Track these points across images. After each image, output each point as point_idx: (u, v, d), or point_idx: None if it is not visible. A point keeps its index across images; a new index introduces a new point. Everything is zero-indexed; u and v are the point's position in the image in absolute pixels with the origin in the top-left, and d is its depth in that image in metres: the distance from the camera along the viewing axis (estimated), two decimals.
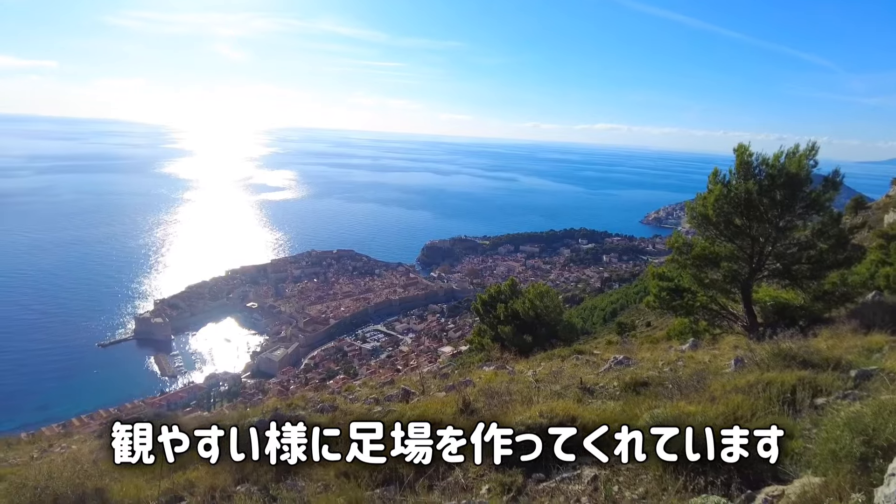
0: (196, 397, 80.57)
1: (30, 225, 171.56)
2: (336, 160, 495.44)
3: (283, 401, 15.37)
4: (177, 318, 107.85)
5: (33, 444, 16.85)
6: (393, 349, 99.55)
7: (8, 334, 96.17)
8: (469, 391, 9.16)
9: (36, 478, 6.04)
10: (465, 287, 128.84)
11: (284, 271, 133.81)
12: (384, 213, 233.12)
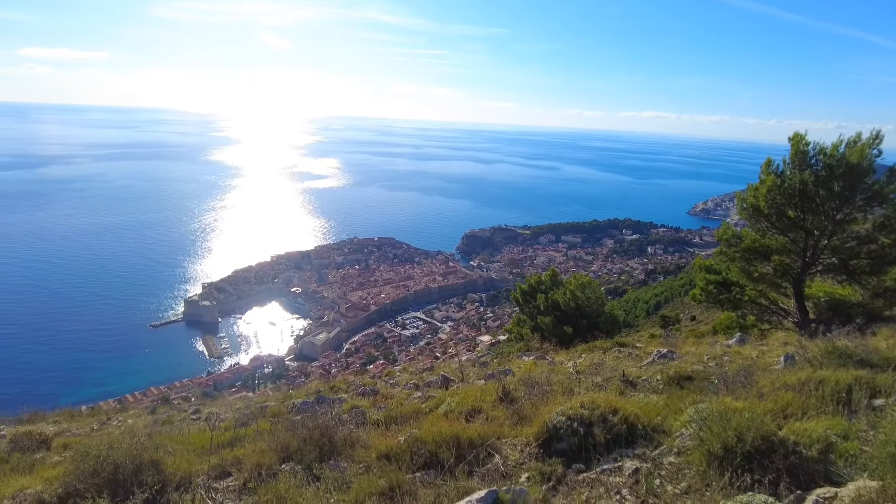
0: (241, 378, 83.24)
1: (86, 210, 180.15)
2: (379, 148, 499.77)
3: (326, 384, 15.75)
4: (224, 302, 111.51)
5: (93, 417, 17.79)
6: (431, 336, 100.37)
7: (68, 314, 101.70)
8: (509, 380, 9.17)
9: (98, 447, 6.39)
10: (505, 277, 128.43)
11: (327, 257, 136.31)
12: (425, 201, 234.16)
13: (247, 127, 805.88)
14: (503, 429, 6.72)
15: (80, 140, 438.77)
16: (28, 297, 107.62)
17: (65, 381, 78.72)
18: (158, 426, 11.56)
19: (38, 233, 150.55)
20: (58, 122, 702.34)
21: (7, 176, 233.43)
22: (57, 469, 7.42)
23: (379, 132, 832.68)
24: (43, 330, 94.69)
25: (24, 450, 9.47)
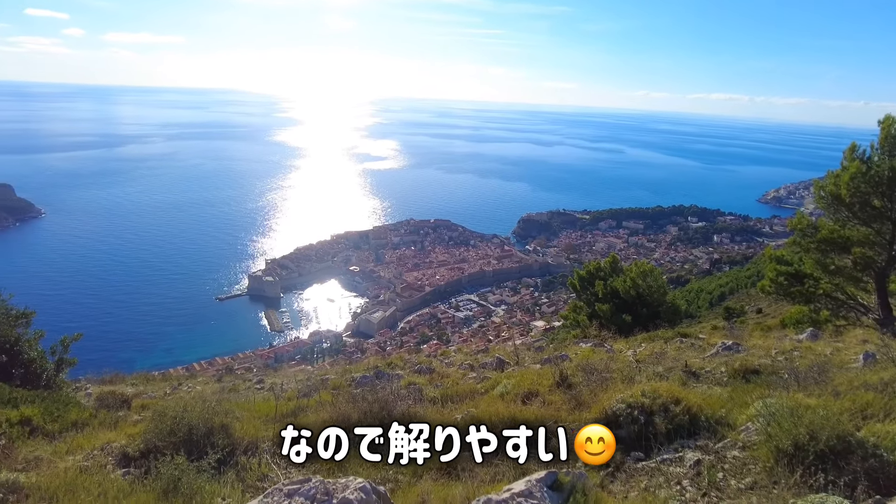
0: (301, 352, 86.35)
1: (159, 187, 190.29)
2: (437, 130, 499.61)
3: (383, 360, 16.13)
4: (286, 278, 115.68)
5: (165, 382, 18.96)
6: (485, 319, 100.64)
7: (142, 287, 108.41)
8: (566, 366, 9.10)
9: (174, 409, 6.84)
10: (562, 262, 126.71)
11: (384, 238, 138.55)
12: (482, 184, 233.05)
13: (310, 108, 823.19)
14: (560, 413, 6.70)
15: (155, 120, 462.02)
16: (106, 270, 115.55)
17: (139, 348, 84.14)
18: (225, 393, 12.21)
19: (115, 209, 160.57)
20: (135, 103, 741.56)
21: (90, 154, 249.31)
22: (138, 427, 7.98)
23: (437, 113, 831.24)
24: (120, 300, 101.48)
25: (109, 407, 10.23)
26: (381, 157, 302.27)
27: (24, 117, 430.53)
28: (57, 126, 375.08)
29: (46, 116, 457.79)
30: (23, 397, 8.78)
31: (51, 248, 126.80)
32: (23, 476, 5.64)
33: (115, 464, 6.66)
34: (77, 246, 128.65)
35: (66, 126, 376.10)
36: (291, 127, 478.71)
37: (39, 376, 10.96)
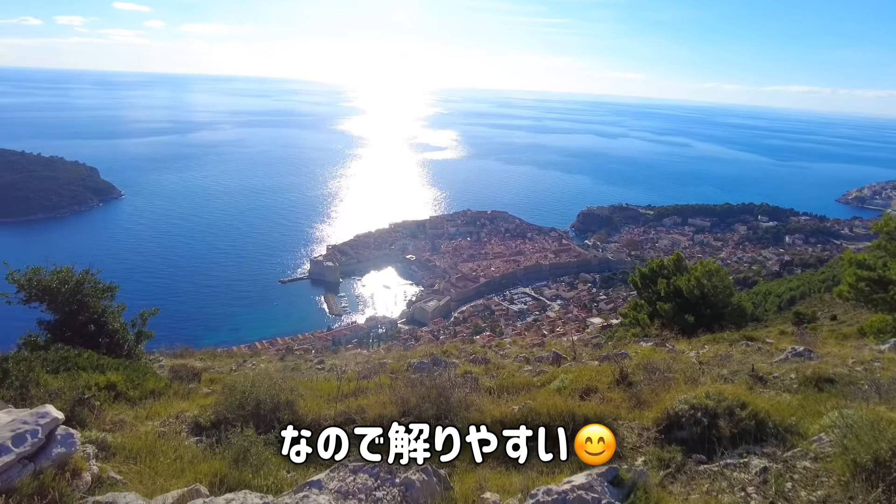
0: (357, 336, 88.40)
1: (228, 173, 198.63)
2: (497, 121, 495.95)
3: (438, 348, 16.32)
4: (345, 264, 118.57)
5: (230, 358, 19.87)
6: (540, 314, 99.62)
7: (209, 267, 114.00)
8: (626, 363, 8.94)
9: (243, 384, 7.22)
10: (622, 258, 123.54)
11: (441, 228, 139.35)
12: (541, 175, 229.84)
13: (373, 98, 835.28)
14: (620, 411, 6.62)
15: (225, 108, 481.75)
16: (178, 250, 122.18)
17: (206, 325, 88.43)
18: (288, 372, 12.69)
19: (187, 192, 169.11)
20: (207, 91, 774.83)
21: (165, 140, 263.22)
22: (209, 399, 8.46)
23: (497, 104, 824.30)
24: (190, 279, 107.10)
25: (181, 379, 10.88)
26: (440, 147, 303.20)
27: (109, 105, 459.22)
28: (137, 113, 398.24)
29: (128, 104, 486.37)
30: (108, 364, 9.46)
31: (129, 228, 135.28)
32: (110, 436, 6.09)
33: (188, 431, 7.09)
34: (152, 226, 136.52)
35: (145, 113, 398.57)
36: (355, 116, 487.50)
37: (121, 346, 11.77)
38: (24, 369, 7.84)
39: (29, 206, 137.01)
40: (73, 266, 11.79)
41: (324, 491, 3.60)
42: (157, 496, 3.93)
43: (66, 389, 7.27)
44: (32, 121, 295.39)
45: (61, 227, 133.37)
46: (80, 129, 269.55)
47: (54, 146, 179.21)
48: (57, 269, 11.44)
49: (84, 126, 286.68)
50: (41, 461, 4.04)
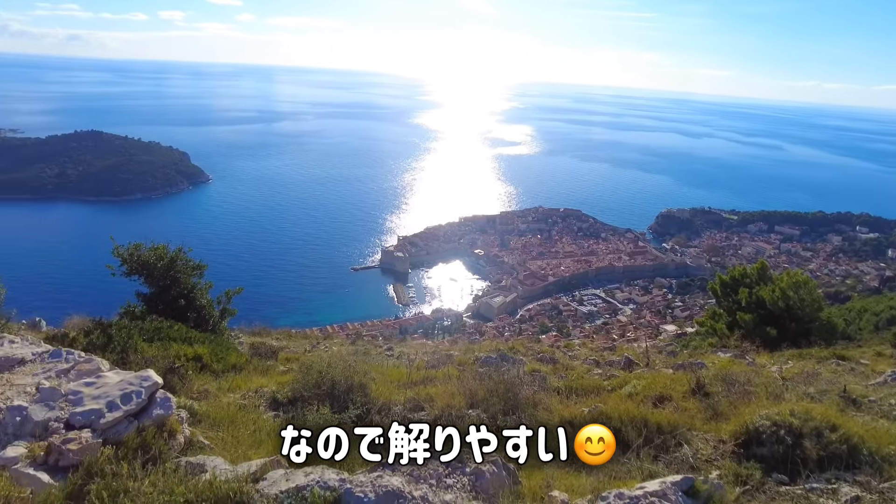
0: (423, 327, 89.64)
1: (307, 162, 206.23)
2: (574, 116, 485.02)
3: (504, 344, 16.30)
4: (414, 255, 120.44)
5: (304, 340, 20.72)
6: (610, 317, 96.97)
7: (286, 251, 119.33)
8: (703, 373, 8.58)
9: (319, 364, 7.52)
10: (701, 264, 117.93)
11: (511, 224, 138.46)
12: (619, 174, 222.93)
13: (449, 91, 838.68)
14: (694, 421, 6.38)
15: (307, 99, 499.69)
16: (258, 234, 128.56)
17: (282, 306, 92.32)
18: (359, 356, 13.10)
19: (269, 179, 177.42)
20: (290, 82, 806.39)
21: (251, 128, 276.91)
22: (286, 377, 8.89)
23: (575, 99, 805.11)
24: (268, 262, 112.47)
25: (260, 356, 11.47)
26: (514, 142, 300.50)
27: (201, 94, 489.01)
28: (225, 102, 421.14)
29: (217, 93, 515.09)
30: (195, 338, 10.13)
31: (214, 211, 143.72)
32: (196, 404, 6.53)
33: (266, 406, 7.49)
34: (235, 210, 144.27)
35: (233, 102, 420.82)
36: (431, 110, 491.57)
37: (207, 321, 12.57)
38: (125, 336, 8.55)
39: (128, 186, 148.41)
40: (167, 244, 12.70)
41: (396, 473, 3.72)
42: (241, 463, 4.19)
43: (159, 357, 7.87)
44: (134, 108, 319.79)
45: (155, 207, 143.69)
46: (174, 117, 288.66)
47: (152, 132, 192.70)
48: (154, 246, 12.37)
49: (178, 113, 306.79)
50: (143, 420, 4.42)
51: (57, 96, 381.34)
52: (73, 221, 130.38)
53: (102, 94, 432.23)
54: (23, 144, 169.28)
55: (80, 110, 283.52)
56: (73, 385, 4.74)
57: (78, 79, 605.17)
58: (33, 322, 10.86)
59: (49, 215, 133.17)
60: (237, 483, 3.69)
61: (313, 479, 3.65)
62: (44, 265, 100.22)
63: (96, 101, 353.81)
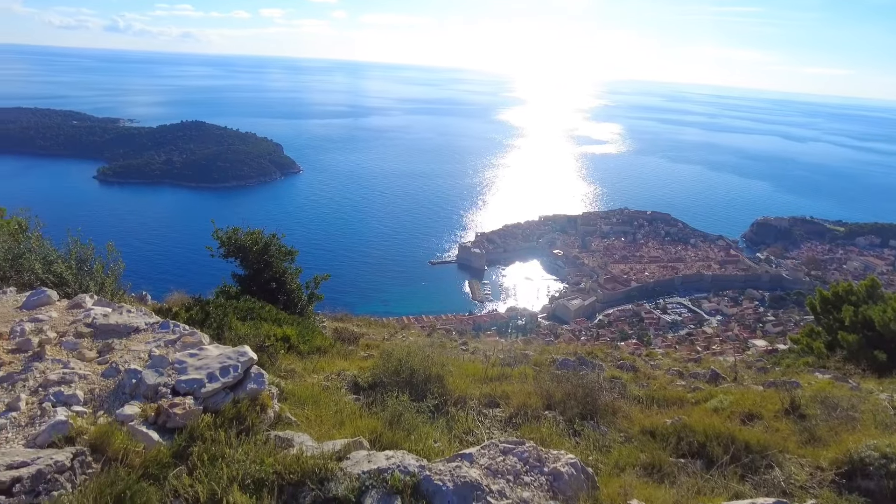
0: (496, 324, 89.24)
1: (391, 156, 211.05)
2: (666, 115, 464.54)
3: (582, 347, 15.96)
4: (491, 252, 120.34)
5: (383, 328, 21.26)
6: (695, 327, 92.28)
7: (368, 242, 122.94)
8: (798, 393, 8.01)
9: (399, 352, 7.72)
10: (799, 277, 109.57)
11: (593, 225, 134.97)
12: (712, 178, 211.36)
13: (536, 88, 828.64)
14: (787, 444, 5.97)
15: (395, 95, 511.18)
16: (342, 224, 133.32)
17: (361, 295, 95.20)
18: (435, 348, 13.29)
19: (355, 172, 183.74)
20: (380, 78, 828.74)
21: (340, 122, 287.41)
22: (367, 362, 9.18)
23: (668, 98, 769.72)
24: (350, 251, 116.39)
25: (343, 341, 11.92)
26: (601, 140, 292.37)
27: (295, 88, 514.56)
28: (317, 97, 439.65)
29: (311, 88, 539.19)
30: (284, 319, 10.68)
31: (303, 201, 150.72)
32: (283, 382, 6.89)
33: (347, 388, 7.76)
34: (322, 201, 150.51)
35: (325, 97, 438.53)
36: (516, 106, 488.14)
37: (295, 304, 13.22)
38: (221, 314, 9.16)
39: (225, 174, 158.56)
40: (262, 230, 13.48)
41: (474, 465, 3.75)
42: (326, 441, 4.39)
43: (251, 336, 8.37)
44: (235, 100, 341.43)
45: (249, 195, 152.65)
46: (270, 109, 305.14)
47: (249, 123, 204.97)
48: (250, 230, 13.16)
49: (274, 106, 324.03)
50: (238, 392, 4.73)
51: (168, 89, 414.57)
52: (176, 205, 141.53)
53: (207, 87, 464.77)
54: (137, 133, 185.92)
55: (187, 102, 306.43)
56: (178, 355, 5.15)
57: (187, 73, 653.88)
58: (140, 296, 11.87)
59: (155, 198, 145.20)
60: (322, 460, 3.87)
61: (394, 462, 3.76)
62: (148, 243, 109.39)
63: (201, 94, 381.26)
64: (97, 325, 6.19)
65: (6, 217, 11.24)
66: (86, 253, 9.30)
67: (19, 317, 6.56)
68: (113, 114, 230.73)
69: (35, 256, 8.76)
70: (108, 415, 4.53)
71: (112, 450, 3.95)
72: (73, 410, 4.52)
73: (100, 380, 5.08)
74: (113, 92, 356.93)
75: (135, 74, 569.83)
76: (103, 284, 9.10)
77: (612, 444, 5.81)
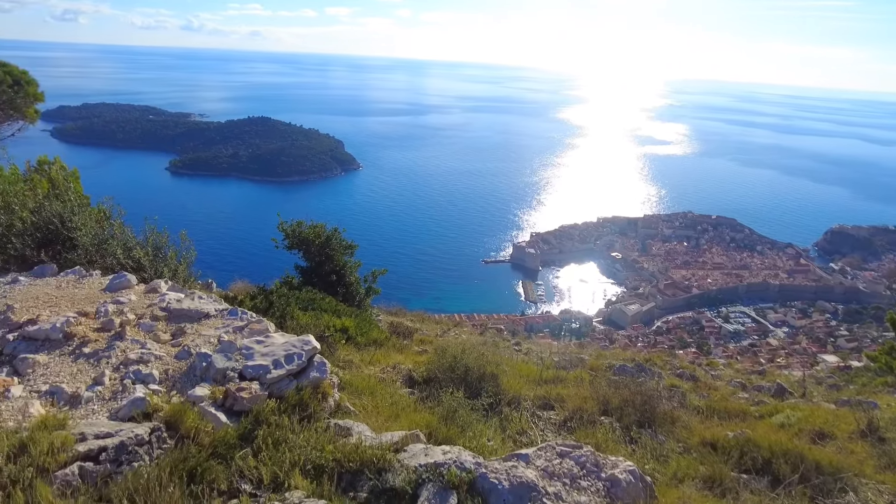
0: (549, 326, 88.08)
1: (448, 154, 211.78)
2: (736, 116, 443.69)
3: (639, 354, 15.56)
4: (546, 252, 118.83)
5: (436, 324, 21.40)
6: (759, 339, 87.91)
7: (422, 239, 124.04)
8: (876, 414, 7.53)
9: (454, 348, 7.77)
10: (878, 290, 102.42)
11: (654, 228, 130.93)
12: (784, 182, 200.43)
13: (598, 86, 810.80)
14: (864, 467, 5.62)
15: (455, 93, 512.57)
16: (398, 220, 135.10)
17: (414, 290, 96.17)
18: (488, 347, 13.30)
19: (413, 169, 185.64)
20: (440, 76, 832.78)
21: (400, 120, 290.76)
22: (421, 357, 9.29)
23: (739, 98, 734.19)
24: (405, 248, 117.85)
25: (398, 335, 12.10)
26: (665, 141, 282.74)
27: (357, 86, 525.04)
28: (378, 94, 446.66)
29: (372, 86, 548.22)
30: (343, 311, 10.94)
31: (362, 197, 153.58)
32: (341, 372, 7.07)
33: (402, 382, 7.89)
34: (380, 198, 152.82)
35: (385, 94, 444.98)
36: (577, 105, 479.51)
37: (354, 297, 13.52)
38: (284, 303, 9.50)
39: (289, 169, 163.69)
40: (325, 224, 13.87)
41: (530, 466, 3.74)
42: (384, 433, 4.49)
43: (311, 326, 8.62)
44: (300, 97, 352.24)
45: (310, 189, 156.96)
46: (333, 106, 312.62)
47: (312, 119, 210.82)
48: (313, 224, 13.56)
49: (337, 104, 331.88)
50: (301, 380, 4.90)
51: (237, 86, 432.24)
52: (241, 197, 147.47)
53: (274, 84, 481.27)
54: (207, 127, 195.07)
55: (255, 98, 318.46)
56: (246, 341, 5.38)
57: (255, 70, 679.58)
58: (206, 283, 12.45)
59: (222, 190, 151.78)
60: (381, 450, 3.96)
61: (451, 457, 3.80)
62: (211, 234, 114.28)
63: (268, 91, 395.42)
64: (171, 309, 6.55)
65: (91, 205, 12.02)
66: (161, 240, 9.86)
67: (103, 298, 7.04)
68: (185, 109, 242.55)
69: (117, 242, 9.36)
70: (180, 395, 4.80)
71: (184, 428, 4.19)
72: (150, 388, 4.82)
73: (173, 361, 5.38)
74: (186, 88, 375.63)
75: (207, 71, 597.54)
76: (176, 271, 9.62)
77: (669, 454, 5.65)
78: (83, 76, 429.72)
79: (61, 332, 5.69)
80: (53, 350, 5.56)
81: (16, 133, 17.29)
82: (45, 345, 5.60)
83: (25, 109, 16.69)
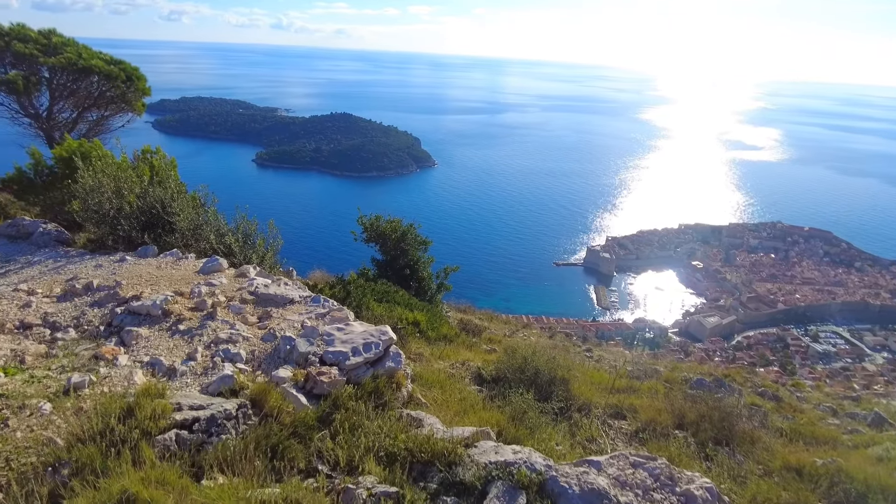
0: (621, 334, 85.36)
1: (523, 153, 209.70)
2: (836, 121, 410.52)
3: (717, 369, 14.83)
4: (622, 258, 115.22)
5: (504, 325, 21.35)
6: (852, 362, 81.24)
7: (494, 238, 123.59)
8: None
9: (524, 349, 7.75)
10: None
11: (740, 238, 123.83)
12: (891, 193, 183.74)
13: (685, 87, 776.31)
14: None
15: (534, 91, 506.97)
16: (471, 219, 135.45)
17: (483, 289, 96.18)
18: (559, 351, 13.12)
19: (487, 168, 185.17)
20: (519, 74, 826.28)
21: (476, 118, 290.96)
22: (490, 356, 9.32)
23: (841, 101, 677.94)
24: (477, 246, 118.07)
25: (467, 332, 12.19)
26: (755, 146, 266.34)
27: (436, 84, 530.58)
28: (457, 93, 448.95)
29: (451, 84, 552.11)
30: (415, 305, 11.15)
31: (436, 194, 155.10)
32: (411, 365, 7.22)
33: (470, 379, 7.95)
34: (454, 196, 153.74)
35: (463, 93, 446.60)
36: (661, 106, 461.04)
37: (426, 292, 13.76)
38: (360, 294, 9.80)
39: (367, 164, 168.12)
40: (401, 219, 14.19)
41: (602, 473, 3.69)
42: (455, 427, 4.56)
43: (385, 317, 8.86)
44: (380, 95, 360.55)
45: (387, 185, 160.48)
46: (411, 104, 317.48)
47: (391, 117, 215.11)
48: (390, 219, 13.92)
49: (415, 101, 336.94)
50: (377, 368, 5.07)
51: (321, 82, 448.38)
52: (321, 190, 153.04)
53: (356, 81, 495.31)
54: (292, 122, 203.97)
55: (338, 95, 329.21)
56: (327, 328, 5.63)
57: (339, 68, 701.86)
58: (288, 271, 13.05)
59: (304, 183, 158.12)
60: (452, 444, 4.03)
61: (521, 458, 3.81)
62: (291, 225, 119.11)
63: (350, 88, 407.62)
64: (258, 293, 6.94)
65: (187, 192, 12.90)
66: (250, 228, 10.46)
67: (197, 280, 7.56)
68: (272, 104, 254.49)
69: (210, 228, 10.02)
70: (264, 375, 5.10)
71: (268, 406, 4.44)
72: (237, 367, 5.15)
73: (259, 343, 5.71)
74: (273, 84, 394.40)
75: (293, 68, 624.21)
76: (263, 257, 10.17)
77: (748, 476, 5.38)
78: (183, 72, 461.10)
79: (160, 308, 6.19)
80: (153, 325, 6.05)
81: (125, 124, 18.86)
82: (147, 319, 6.11)
83: (135, 103, 18.18)
